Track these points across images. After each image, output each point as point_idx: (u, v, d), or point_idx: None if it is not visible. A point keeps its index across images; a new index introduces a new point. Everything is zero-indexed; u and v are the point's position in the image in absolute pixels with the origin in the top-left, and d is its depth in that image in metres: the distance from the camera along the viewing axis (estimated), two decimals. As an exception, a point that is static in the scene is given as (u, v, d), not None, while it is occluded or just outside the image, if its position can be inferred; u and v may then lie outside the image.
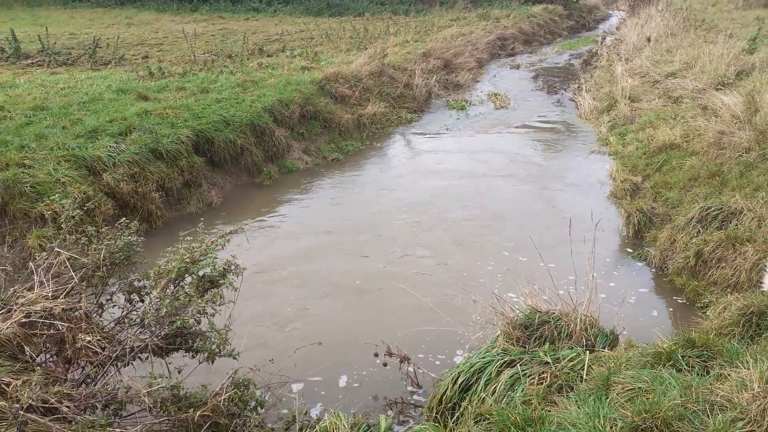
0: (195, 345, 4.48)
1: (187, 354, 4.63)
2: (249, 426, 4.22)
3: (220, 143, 10.32)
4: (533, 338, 5.05)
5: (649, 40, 20.01)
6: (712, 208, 7.24)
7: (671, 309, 6.55)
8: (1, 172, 7.71)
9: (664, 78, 14.68)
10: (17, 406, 3.46)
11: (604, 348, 4.72)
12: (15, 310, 4.34)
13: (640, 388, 3.57)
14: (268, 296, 6.89)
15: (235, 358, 4.56)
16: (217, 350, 4.45)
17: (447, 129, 14.38)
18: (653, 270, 7.37)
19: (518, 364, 4.49)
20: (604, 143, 12.51)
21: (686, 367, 3.90)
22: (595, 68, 20.63)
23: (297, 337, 5.90)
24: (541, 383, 4.23)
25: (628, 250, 7.94)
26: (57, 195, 6.47)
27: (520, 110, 16.14)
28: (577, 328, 4.97)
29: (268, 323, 6.34)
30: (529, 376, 4.35)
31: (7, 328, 4.27)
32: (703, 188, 8.25)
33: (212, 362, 4.51)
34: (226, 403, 4.15)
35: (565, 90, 18.18)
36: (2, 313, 4.41)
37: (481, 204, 9.65)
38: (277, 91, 12.73)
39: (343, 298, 6.96)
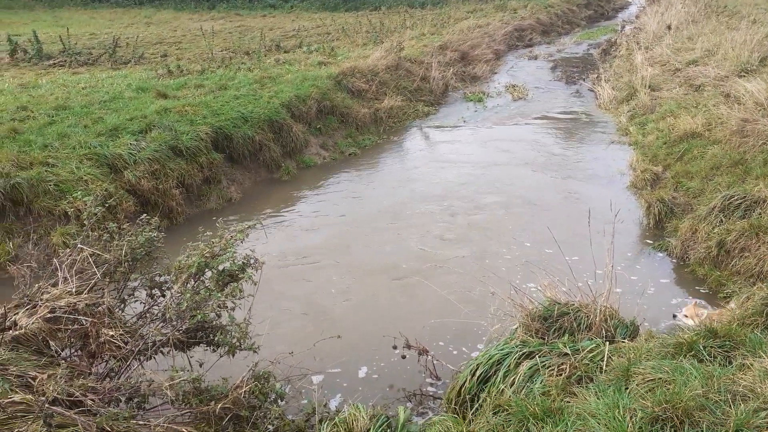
0: (216, 339, 4.54)
1: (208, 348, 4.70)
2: (269, 418, 4.27)
3: (239, 139, 10.40)
4: (552, 330, 5.03)
5: (669, 27, 19.69)
6: (735, 197, 7.13)
7: (693, 299, 6.45)
8: (25, 170, 7.87)
9: (686, 66, 14.44)
10: (43, 399, 3.54)
11: (624, 339, 4.69)
12: (40, 306, 4.45)
13: (660, 378, 3.54)
14: (288, 289, 6.94)
15: (255, 351, 4.61)
16: (237, 344, 4.50)
17: (464, 121, 14.32)
18: (674, 260, 7.28)
19: (537, 356, 4.47)
20: (623, 133, 12.36)
21: (708, 358, 3.86)
22: (615, 58, 20.35)
23: (316, 330, 5.94)
24: (561, 374, 4.21)
25: (649, 240, 7.85)
26: (79, 192, 6.59)
27: (539, 101, 16.01)
28: (597, 319, 4.93)
29: (287, 316, 6.39)
30: (548, 368, 4.33)
31: (32, 323, 4.37)
32: (725, 177, 8.12)
33: (233, 356, 4.57)
34: (246, 396, 4.20)
35: (583, 80, 17.97)
36: (28, 309, 4.52)
37: (500, 196, 9.60)
38: (294, 86, 12.78)
39: (362, 290, 6.98)
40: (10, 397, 3.61)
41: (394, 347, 5.51)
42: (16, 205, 7.58)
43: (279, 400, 4.49)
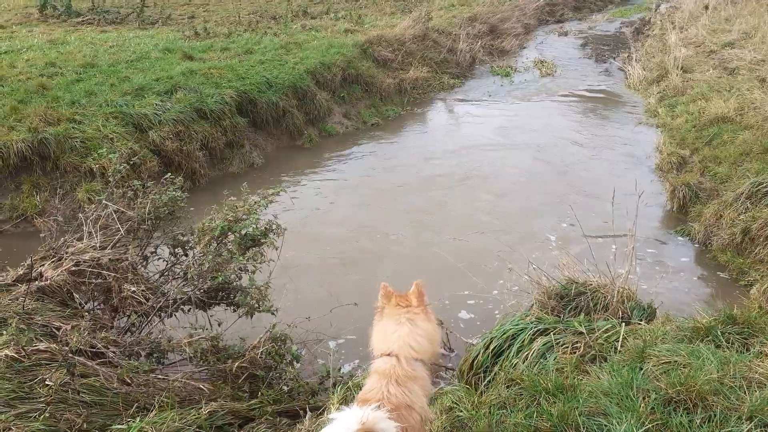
0: (235, 300, 4.62)
1: (227, 308, 4.78)
2: (285, 379, 4.36)
3: (263, 105, 10.39)
4: (568, 308, 5.02)
5: (706, 8, 19.10)
6: (764, 184, 6.98)
7: (713, 285, 6.40)
8: (52, 126, 7.97)
9: (721, 48, 14.05)
10: (66, 348, 3.64)
11: (640, 321, 4.67)
12: (65, 259, 4.55)
13: (675, 361, 3.53)
14: (306, 256, 7.00)
15: (273, 313, 4.69)
16: (256, 306, 4.58)
17: (490, 96, 14.13)
18: (696, 246, 7.19)
19: (552, 333, 4.48)
20: (652, 115, 12.12)
21: (725, 344, 3.84)
22: (647, 37, 19.82)
23: (333, 296, 6.00)
24: (574, 353, 4.22)
25: (671, 224, 7.75)
26: (105, 149, 6.67)
27: (567, 78, 15.72)
28: (614, 300, 4.91)
29: (305, 282, 6.46)
30: (562, 345, 4.34)
31: (57, 275, 4.48)
32: (755, 163, 7.94)
33: (251, 317, 4.65)
34: (263, 357, 4.28)
35: (614, 59, 17.57)
36: (53, 261, 4.63)
37: (521, 172, 9.53)
38: (319, 53, 12.69)
39: (379, 259, 7.02)
40: (35, 346, 3.72)
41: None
42: (44, 161, 7.71)
43: (294, 362, 4.57)
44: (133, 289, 4.34)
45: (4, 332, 3.62)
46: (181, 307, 4.59)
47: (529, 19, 22.35)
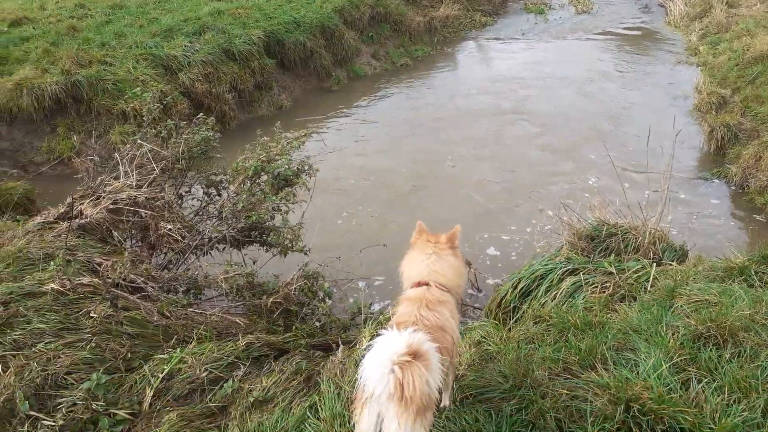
0: (269, 239, 4.72)
1: (261, 248, 4.89)
2: (317, 314, 4.48)
3: (290, 45, 10.26)
4: (598, 250, 5.00)
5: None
6: (808, 125, 6.74)
7: (748, 227, 6.29)
8: (84, 69, 8.03)
9: (770, -20, 13.27)
10: (110, 281, 3.79)
11: (671, 262, 4.63)
12: (103, 197, 4.67)
13: (707, 300, 3.52)
14: (338, 197, 7.06)
15: (305, 253, 4.78)
16: (289, 245, 4.67)
17: (523, 34, 13.71)
18: (732, 188, 7.03)
19: (581, 273, 4.49)
20: (692, 53, 11.64)
21: (759, 283, 3.80)
22: (691, -31, 18.82)
23: (363, 238, 6.07)
24: (604, 292, 4.23)
25: (708, 166, 7.57)
26: (138, 88, 6.72)
27: (604, 15, 15.11)
28: (645, 241, 4.86)
29: (336, 223, 6.54)
30: (591, 285, 4.35)
31: (96, 213, 4.62)
32: (801, 103, 7.64)
33: (284, 256, 4.75)
34: (296, 293, 4.39)
35: (654, -6, 16.79)
36: (92, 200, 4.76)
37: (555, 112, 9.32)
38: (347, -9, 12.37)
39: (408, 202, 7.04)
40: (79, 280, 3.88)
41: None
42: (77, 103, 7.81)
43: (327, 299, 4.68)
44: (169, 226, 4.45)
45: (52, 264, 3.78)
46: (216, 245, 4.71)
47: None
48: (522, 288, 4.73)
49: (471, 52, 12.83)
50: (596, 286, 4.34)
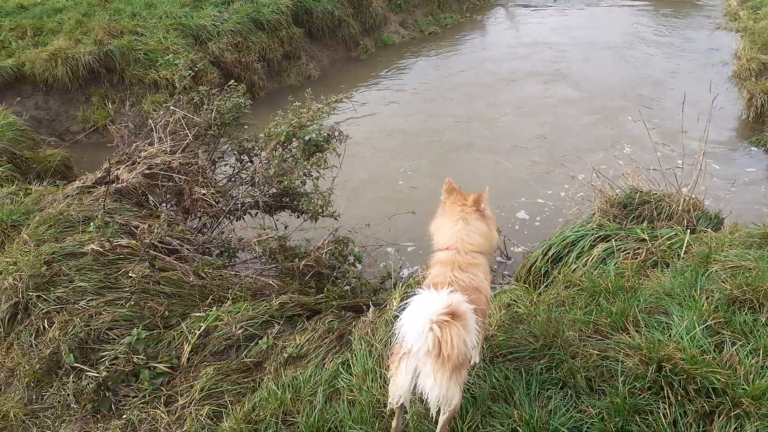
0: (300, 205, 4.77)
1: (292, 213, 4.95)
2: (348, 278, 4.54)
3: (318, 14, 10.21)
4: (631, 217, 4.93)
5: None
6: None
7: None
8: (116, 39, 8.12)
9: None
10: (147, 241, 3.89)
11: (706, 229, 4.56)
12: (139, 163, 4.77)
13: (743, 265, 3.47)
14: (368, 164, 7.07)
15: (336, 218, 4.83)
16: (320, 210, 4.72)
17: (555, 1, 13.40)
18: (772, 156, 6.86)
19: (613, 239, 4.45)
20: (732, 18, 11.26)
21: (797, 249, 3.73)
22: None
23: (392, 205, 6.09)
24: (636, 258, 4.19)
25: (746, 134, 7.38)
26: (170, 56, 6.77)
27: (639, -19, 14.67)
28: (679, 208, 4.78)
29: (367, 189, 6.57)
30: (623, 251, 4.31)
31: (132, 178, 4.72)
32: None
33: (315, 221, 4.80)
34: (327, 257, 4.45)
35: (693, -42, 16.19)
36: (128, 165, 4.86)
37: (588, 80, 9.15)
38: (376, -42, 12.21)
39: (438, 169, 7.02)
40: (118, 241, 3.99)
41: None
42: (110, 73, 7.93)
43: (356, 263, 4.74)
44: (203, 191, 4.53)
45: (91, 225, 3.90)
46: (249, 210, 4.78)
47: None
48: (552, 254, 4.71)
49: (501, 18, 12.61)
50: (628, 253, 4.30)
